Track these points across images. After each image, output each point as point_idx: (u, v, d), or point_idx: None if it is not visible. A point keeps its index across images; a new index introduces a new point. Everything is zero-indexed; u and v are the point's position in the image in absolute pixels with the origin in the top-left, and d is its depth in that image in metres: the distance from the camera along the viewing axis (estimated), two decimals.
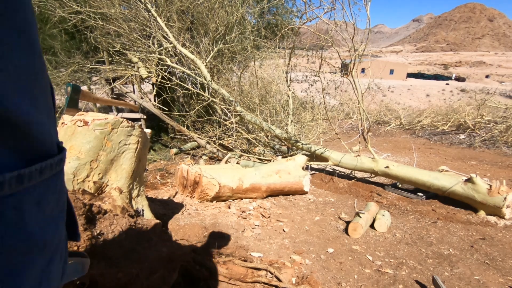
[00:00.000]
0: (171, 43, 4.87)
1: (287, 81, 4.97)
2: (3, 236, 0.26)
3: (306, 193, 3.59)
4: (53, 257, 0.34)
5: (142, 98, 5.54)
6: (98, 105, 8.19)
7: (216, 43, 5.24)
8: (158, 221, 1.71)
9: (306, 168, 4.44)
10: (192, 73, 4.97)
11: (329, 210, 3.16)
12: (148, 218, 1.91)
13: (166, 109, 5.27)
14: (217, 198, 3.00)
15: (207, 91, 5.13)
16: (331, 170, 4.69)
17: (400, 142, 7.89)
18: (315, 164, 4.80)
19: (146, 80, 6.35)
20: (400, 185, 3.98)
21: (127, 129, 1.84)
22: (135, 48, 5.33)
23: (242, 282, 1.73)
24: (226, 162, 4.02)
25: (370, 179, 4.40)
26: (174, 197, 3.13)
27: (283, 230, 2.54)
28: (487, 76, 64.70)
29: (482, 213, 3.11)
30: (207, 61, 4.86)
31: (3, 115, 0.26)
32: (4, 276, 0.28)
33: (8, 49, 0.28)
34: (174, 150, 5.42)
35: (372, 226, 2.72)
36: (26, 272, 0.28)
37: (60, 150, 0.36)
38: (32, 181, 0.28)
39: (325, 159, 4.38)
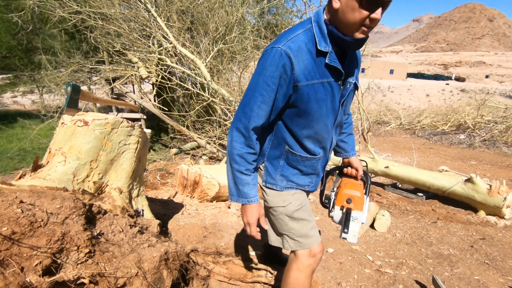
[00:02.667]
0: (171, 43, 4.87)
1: None
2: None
3: None
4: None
5: (142, 98, 5.54)
6: (98, 105, 8.19)
7: (216, 43, 5.24)
8: (158, 221, 1.71)
9: None
10: (192, 73, 4.97)
11: None
12: (148, 218, 1.91)
13: (166, 109, 5.27)
14: (217, 198, 3.00)
15: (207, 91, 5.12)
16: None
17: (400, 142, 7.89)
18: None
19: (146, 80, 6.35)
20: (400, 185, 3.98)
21: (127, 129, 1.84)
22: (135, 48, 5.33)
23: (242, 282, 1.73)
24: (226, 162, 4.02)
25: None
26: (174, 197, 3.13)
27: None
28: (487, 76, 64.70)
29: (482, 213, 3.11)
30: (207, 61, 4.86)
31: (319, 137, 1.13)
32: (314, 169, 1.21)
33: None
34: (174, 150, 5.42)
35: (372, 226, 2.72)
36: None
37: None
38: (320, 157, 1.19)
39: None
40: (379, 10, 0.87)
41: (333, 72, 1.02)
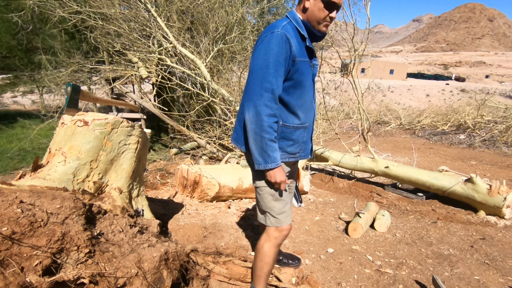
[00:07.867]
0: (171, 43, 4.87)
1: None
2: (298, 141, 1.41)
3: (306, 193, 3.59)
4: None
5: (142, 98, 5.53)
6: (98, 105, 8.19)
7: (216, 43, 5.24)
8: (158, 221, 1.71)
9: (306, 168, 4.44)
10: (192, 73, 4.97)
11: (329, 210, 3.16)
12: (148, 218, 1.91)
13: (166, 109, 5.27)
14: (217, 198, 3.00)
15: (207, 91, 5.12)
16: (331, 170, 4.69)
17: (400, 142, 7.89)
18: (315, 164, 4.80)
19: (146, 80, 6.34)
20: (400, 185, 3.98)
21: (127, 129, 1.84)
22: (135, 48, 5.32)
23: (242, 282, 1.73)
24: (226, 162, 4.02)
25: (370, 179, 4.40)
26: (174, 197, 3.13)
27: None
28: (487, 76, 64.66)
29: (482, 213, 3.11)
30: (207, 61, 4.86)
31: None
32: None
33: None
34: (174, 150, 5.42)
35: (372, 226, 2.72)
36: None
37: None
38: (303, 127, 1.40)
39: (325, 159, 4.38)
40: (335, 11, 1.28)
41: (309, 53, 1.34)
